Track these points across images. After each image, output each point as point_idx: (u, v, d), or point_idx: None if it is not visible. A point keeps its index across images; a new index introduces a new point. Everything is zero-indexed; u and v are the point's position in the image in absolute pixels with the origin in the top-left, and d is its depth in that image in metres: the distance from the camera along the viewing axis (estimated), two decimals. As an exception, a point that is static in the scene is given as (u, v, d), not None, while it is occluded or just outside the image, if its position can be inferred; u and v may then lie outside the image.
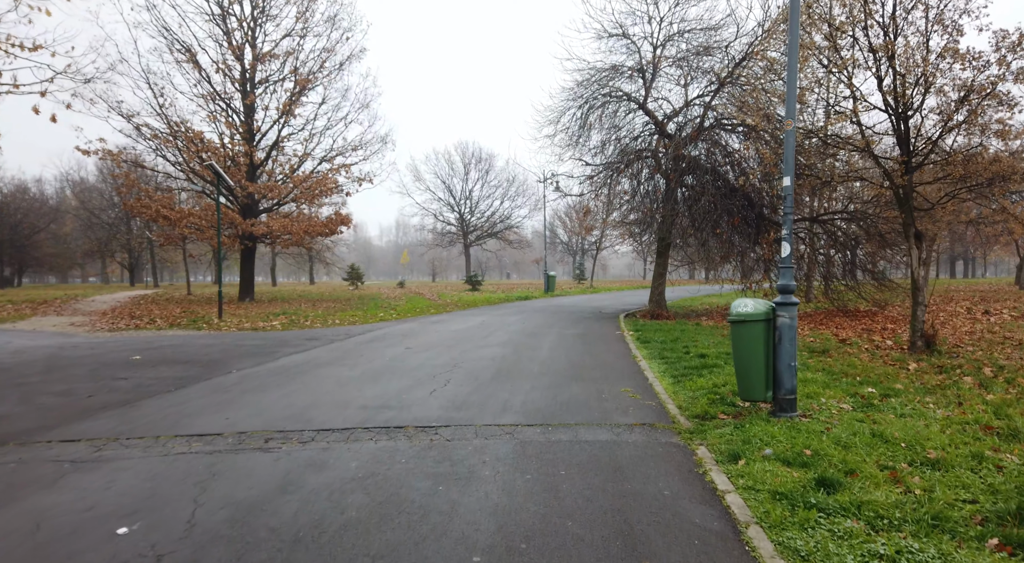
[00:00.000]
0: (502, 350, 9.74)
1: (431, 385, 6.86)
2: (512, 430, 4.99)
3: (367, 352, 9.64)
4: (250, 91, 23.82)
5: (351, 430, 5.00)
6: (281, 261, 67.27)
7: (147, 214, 21.35)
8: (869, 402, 5.66)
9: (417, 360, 8.70)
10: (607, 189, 17.86)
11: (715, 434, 4.77)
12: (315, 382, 7.11)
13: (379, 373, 7.65)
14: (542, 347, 10.12)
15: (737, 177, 16.08)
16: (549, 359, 8.78)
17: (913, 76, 9.31)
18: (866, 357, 8.82)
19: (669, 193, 16.50)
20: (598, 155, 18.37)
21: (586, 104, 17.59)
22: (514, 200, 50.00)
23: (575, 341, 10.98)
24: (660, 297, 17.58)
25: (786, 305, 5.16)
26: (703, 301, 23.84)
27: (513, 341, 10.95)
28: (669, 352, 9.30)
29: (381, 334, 12.37)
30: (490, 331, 12.71)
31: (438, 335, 12.02)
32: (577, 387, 6.75)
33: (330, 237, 29.50)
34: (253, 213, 24.98)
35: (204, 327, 14.18)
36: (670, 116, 17.75)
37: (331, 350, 9.96)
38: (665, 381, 7.11)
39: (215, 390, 6.70)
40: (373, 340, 11.32)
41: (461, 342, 10.82)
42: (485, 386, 6.81)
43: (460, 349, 9.85)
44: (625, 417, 5.41)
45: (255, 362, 8.72)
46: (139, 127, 22.38)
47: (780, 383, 5.15)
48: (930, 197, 11.63)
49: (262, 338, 11.85)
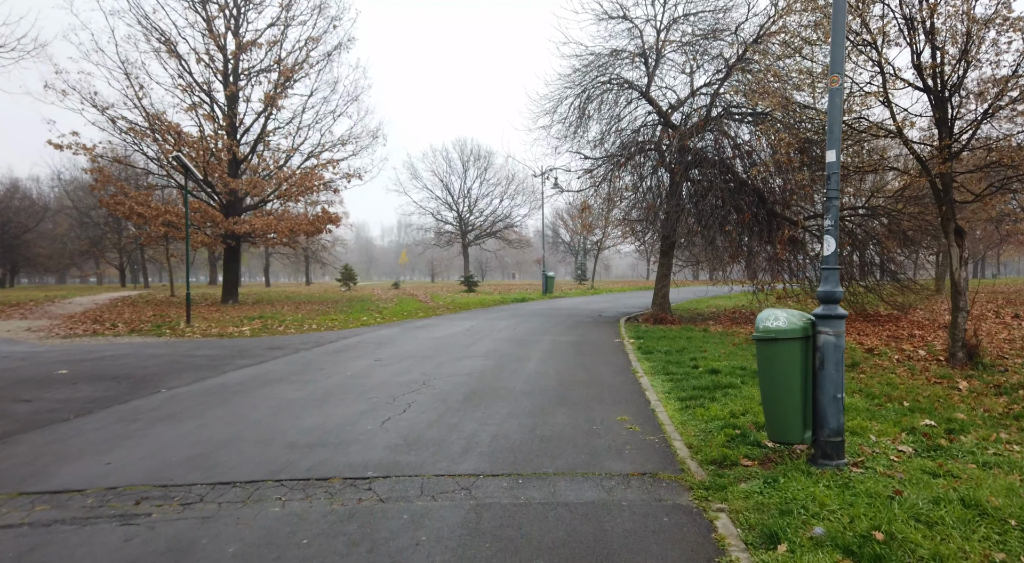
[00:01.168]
0: (484, 362, 8.53)
1: (387, 411, 5.66)
2: (470, 484, 3.79)
3: (329, 365, 8.44)
4: (232, 82, 22.67)
5: (259, 483, 3.80)
6: (279, 262, 66.27)
7: (120, 211, 20.22)
8: (934, 442, 4.43)
9: (382, 376, 7.51)
10: (607, 184, 16.62)
11: (739, 492, 3.56)
12: (249, 407, 5.92)
13: (330, 394, 6.46)
14: (530, 358, 8.91)
15: (748, 169, 14.85)
16: (536, 374, 7.57)
17: (956, 48, 8.07)
18: (904, 372, 7.59)
19: (674, 188, 15.27)
20: (597, 148, 17.17)
21: (584, 93, 16.37)
22: (513, 199, 48.80)
23: (568, 350, 9.77)
24: (664, 300, 16.35)
25: (831, 319, 3.95)
26: (709, 304, 22.59)
27: (499, 351, 9.75)
28: (674, 366, 8.08)
29: (354, 342, 11.18)
30: (476, 338, 11.51)
31: (416, 343, 10.82)
32: (564, 414, 5.54)
33: (319, 236, 28.30)
34: (236, 211, 23.84)
35: (167, 333, 13.01)
36: (675, 106, 16.53)
37: (289, 362, 8.76)
38: (671, 405, 5.89)
39: (122, 418, 5.51)
40: (342, 349, 10.13)
41: (440, 352, 9.61)
42: (452, 412, 5.61)
43: (436, 361, 8.65)
44: (620, 461, 4.20)
45: (195, 378, 7.54)
46: (114, 120, 21.27)
47: (823, 421, 3.93)
48: (963, 189, 10.38)
49: (221, 347, 10.67)
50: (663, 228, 15.67)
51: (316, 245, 54.85)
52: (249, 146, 23.90)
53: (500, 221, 49.30)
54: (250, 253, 56.78)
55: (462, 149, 49.62)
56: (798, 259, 15.34)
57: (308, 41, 22.97)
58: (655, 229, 16.53)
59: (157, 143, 21.28)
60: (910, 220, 13.02)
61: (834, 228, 4.06)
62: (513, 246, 52.45)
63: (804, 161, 12.96)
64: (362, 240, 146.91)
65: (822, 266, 4.09)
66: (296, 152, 25.09)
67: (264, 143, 24.49)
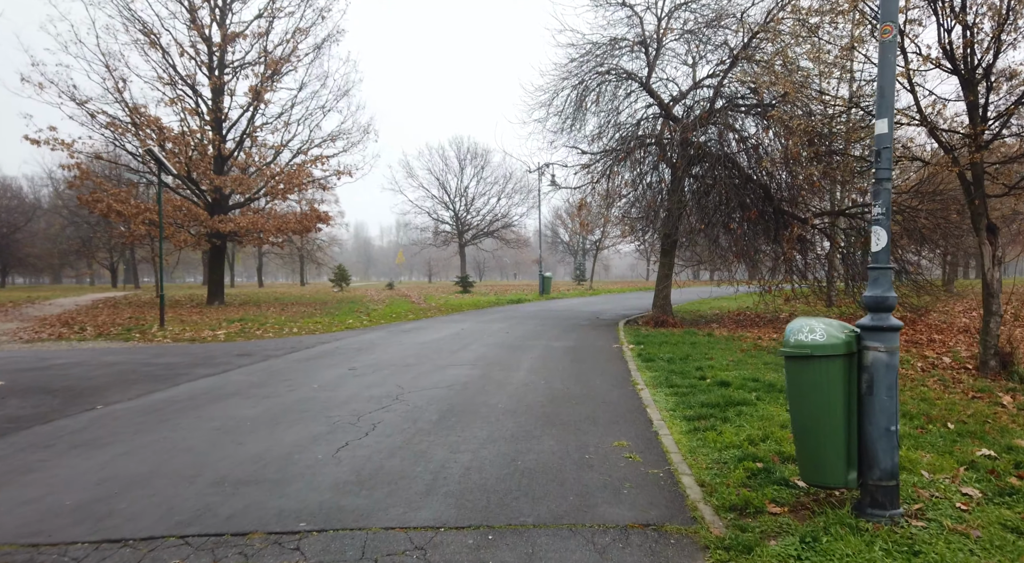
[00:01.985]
0: (468, 372, 7.73)
1: (346, 434, 4.85)
2: (427, 542, 2.98)
3: (296, 375, 7.63)
4: (217, 75, 21.86)
5: (156, 541, 2.99)
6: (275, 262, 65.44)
7: (98, 209, 19.40)
8: (1003, 481, 3.62)
9: (352, 388, 6.70)
10: (605, 181, 15.79)
11: (770, 557, 2.75)
12: (188, 429, 5.11)
13: (287, 412, 5.65)
14: (520, 367, 8.10)
15: (754, 164, 14.06)
16: (524, 387, 6.76)
17: (991, 23, 7.28)
18: (936, 384, 6.80)
19: (675, 184, 14.47)
20: (595, 142, 16.35)
21: (581, 84, 15.56)
22: (511, 197, 47.98)
23: (563, 358, 8.96)
24: (665, 301, 15.55)
25: (882, 332, 3.14)
26: (712, 305, 21.79)
27: (487, 358, 8.94)
28: (679, 377, 7.27)
29: (332, 348, 10.37)
30: (464, 343, 10.70)
31: (399, 349, 10.01)
32: (552, 438, 4.73)
33: (310, 235, 27.50)
34: (223, 209, 23.05)
35: (136, 338, 12.20)
36: (677, 98, 15.73)
37: (254, 372, 7.95)
38: (676, 426, 5.08)
39: (33, 444, 4.70)
40: (317, 357, 9.32)
41: (422, 360, 8.80)
42: (422, 436, 4.80)
43: (416, 371, 7.84)
44: (617, 506, 3.40)
45: (142, 391, 6.73)
46: (94, 114, 20.48)
47: (872, 460, 3.12)
48: (995, 181, 9.58)
49: (187, 353, 9.86)
50: (664, 226, 14.87)
51: (311, 245, 54.09)
52: (235, 142, 23.09)
53: (497, 220, 48.50)
54: (244, 253, 55.92)
55: (459, 147, 48.85)
56: (807, 258, 14.54)
57: (296, 33, 22.18)
58: (655, 227, 15.73)
59: (139, 139, 20.46)
60: (929, 217, 12.20)
61: (885, 217, 3.25)
62: (511, 246, 51.66)
63: (818, 153, 12.16)
64: (360, 240, 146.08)
65: (871, 265, 3.28)
66: (285, 148, 24.32)
67: (252, 139, 23.70)
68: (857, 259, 14.43)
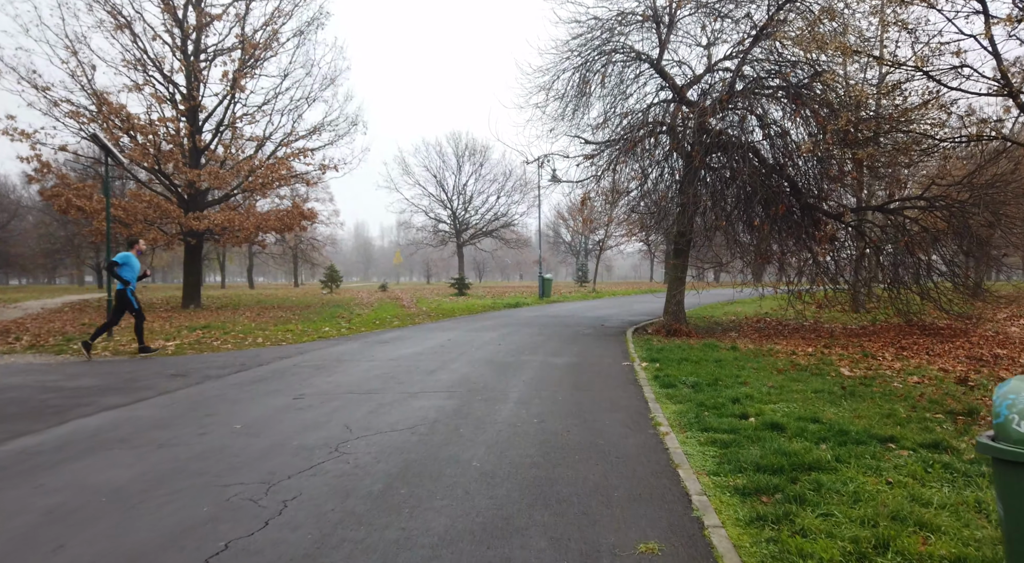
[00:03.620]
0: (442, 404, 6.10)
1: (236, 524, 3.22)
2: None
3: (222, 409, 6.01)
4: (192, 60, 20.27)
5: None
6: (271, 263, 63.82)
7: (58, 205, 17.82)
8: None
9: (281, 433, 5.07)
10: (611, 173, 14.13)
11: None
12: (2, 512, 3.48)
13: (173, 475, 4.02)
14: (508, 396, 6.47)
15: (781, 154, 12.44)
16: (510, 430, 5.13)
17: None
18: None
19: (691, 176, 12.80)
20: (599, 130, 14.72)
21: (585, 65, 13.92)
22: (510, 196, 46.32)
23: (562, 381, 7.33)
24: (678, 308, 13.90)
25: None
26: (726, 310, 20.11)
27: (469, 381, 7.31)
28: (712, 413, 5.63)
29: (289, 365, 8.74)
30: (447, 358, 9.07)
31: (366, 368, 8.38)
32: (544, 535, 3.10)
33: (295, 234, 25.92)
34: (200, 206, 21.46)
35: (71, 350, 10.59)
36: (691, 82, 14.09)
37: (171, 403, 6.32)
38: (729, 511, 3.44)
39: None
40: (264, 379, 7.69)
41: (389, 384, 7.17)
42: (349, 527, 3.17)
43: (375, 402, 6.21)
44: None
45: (5, 434, 5.10)
46: (57, 103, 18.91)
47: None
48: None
49: (110, 373, 8.24)
50: (678, 223, 13.23)
51: (305, 244, 52.56)
52: (212, 133, 21.50)
53: (497, 220, 46.85)
54: (235, 253, 54.36)
55: (456, 143, 47.20)
56: (838, 259, 12.90)
57: (276, 15, 20.57)
58: (668, 224, 14.10)
59: (105, 129, 18.85)
60: (994, 211, 10.53)
61: None
62: (511, 246, 50.05)
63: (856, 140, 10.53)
64: (361, 240, 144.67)
65: None
66: (268, 141, 22.72)
67: (232, 130, 22.11)
68: (897, 260, 12.79)
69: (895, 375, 7.66)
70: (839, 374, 7.71)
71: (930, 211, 12.10)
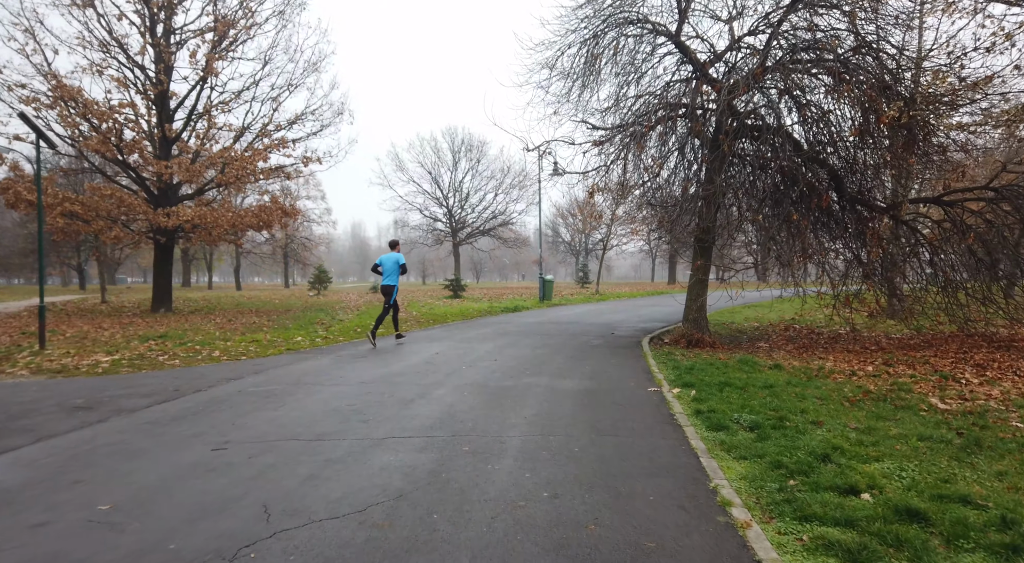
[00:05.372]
0: (415, 461, 4.38)
1: None
2: None
3: (103, 468, 4.28)
4: (159, 39, 18.51)
5: None
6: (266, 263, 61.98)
7: (6, 199, 16.07)
8: None
9: (164, 520, 3.34)
10: (622, 162, 12.39)
11: None
12: None
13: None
14: (504, 447, 4.75)
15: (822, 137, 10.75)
16: (510, 519, 3.41)
17: None
18: None
19: (717, 164, 11.09)
20: (609, 114, 13.02)
21: (594, 38, 12.22)
22: (509, 193, 44.56)
23: (576, 419, 5.60)
24: (700, 314, 12.19)
25: None
26: (744, 315, 18.41)
27: (455, 418, 5.59)
28: (799, 481, 3.90)
29: (231, 392, 7.01)
30: (430, 382, 7.35)
31: (328, 396, 6.65)
32: None
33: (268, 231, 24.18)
34: (172, 201, 19.71)
35: (-16, 367, 8.85)
36: (714, 57, 12.37)
37: (33, 460, 4.57)
38: None
39: None
40: (190, 414, 5.95)
41: (350, 424, 5.44)
42: None
43: (324, 455, 4.48)
44: None
45: None
46: (11, 87, 17.18)
47: None
48: None
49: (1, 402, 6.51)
50: (702, 218, 11.53)
51: (296, 244, 50.82)
52: (184, 122, 19.75)
53: (494, 218, 45.09)
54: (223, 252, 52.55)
55: (452, 138, 45.41)
56: (890, 259, 11.20)
57: (251, -8, 18.81)
58: (686, 220, 12.40)
59: (63, 117, 17.12)
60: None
61: None
62: (509, 245, 48.32)
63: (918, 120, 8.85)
64: (358, 240, 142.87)
65: None
66: (247, 132, 20.98)
67: (207, 119, 20.35)
68: (954, 260, 11.10)
69: (1003, 407, 5.96)
70: (931, 407, 6.01)
71: (997, 203, 10.41)
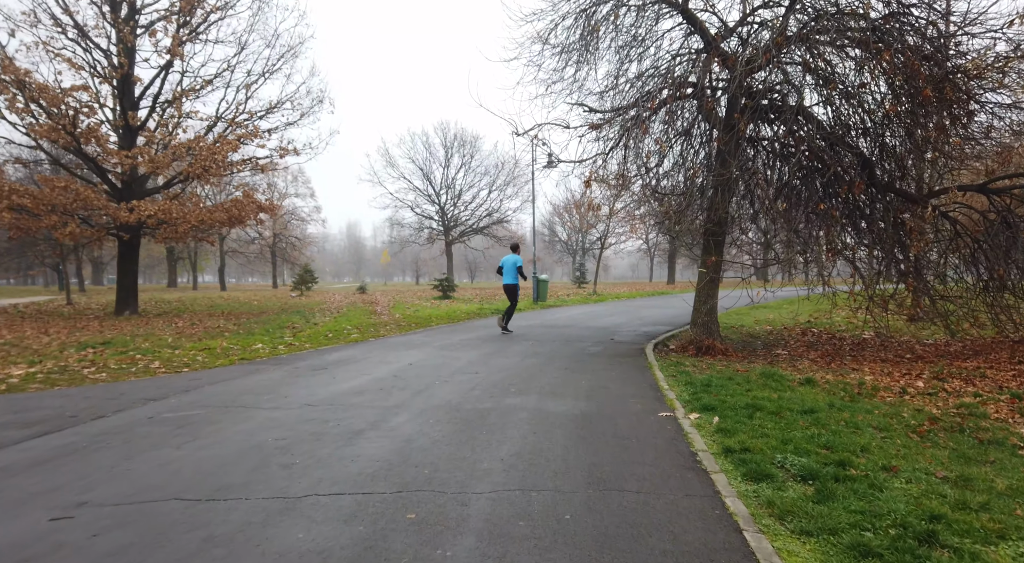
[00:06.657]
0: (331, 542, 2.99)
1: None
2: None
3: None
4: (123, 21, 17.09)
5: None
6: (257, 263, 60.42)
7: (-55, 191, 14.63)
8: None
9: None
10: (622, 148, 11.01)
11: None
12: None
13: None
14: (466, 513, 3.36)
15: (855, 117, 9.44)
16: None
17: None
18: None
19: (731, 147, 9.73)
20: (608, 95, 11.69)
21: (593, 6, 10.89)
22: (503, 190, 43.18)
23: (568, 462, 4.22)
24: (710, 318, 10.85)
25: None
26: (754, 316, 17.08)
27: (409, 462, 4.20)
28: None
29: (138, 419, 5.62)
30: (391, 404, 5.97)
31: (256, 425, 5.26)
32: None
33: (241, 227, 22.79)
34: (138, 195, 18.29)
35: None
36: (726, 32, 11.03)
37: None
38: None
39: None
40: (64, 454, 4.55)
41: (267, 471, 4.06)
42: None
43: (207, 530, 3.08)
44: None
45: None
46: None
47: None
48: None
49: None
50: (713, 208, 10.18)
51: (284, 242, 49.39)
52: (148, 109, 18.33)
53: (488, 216, 43.71)
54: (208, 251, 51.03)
55: (444, 133, 44.06)
56: (929, 255, 9.89)
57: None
58: (694, 212, 11.08)
59: (9, 103, 15.68)
60: None
61: None
62: (503, 244, 46.89)
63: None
64: (353, 239, 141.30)
65: None
66: (220, 121, 19.57)
67: (175, 106, 18.92)
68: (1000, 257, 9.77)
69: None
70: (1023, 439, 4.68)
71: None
